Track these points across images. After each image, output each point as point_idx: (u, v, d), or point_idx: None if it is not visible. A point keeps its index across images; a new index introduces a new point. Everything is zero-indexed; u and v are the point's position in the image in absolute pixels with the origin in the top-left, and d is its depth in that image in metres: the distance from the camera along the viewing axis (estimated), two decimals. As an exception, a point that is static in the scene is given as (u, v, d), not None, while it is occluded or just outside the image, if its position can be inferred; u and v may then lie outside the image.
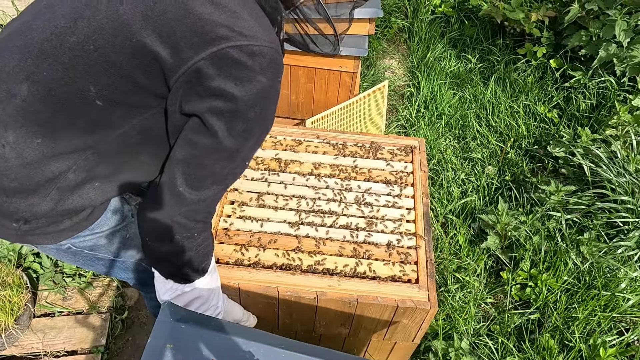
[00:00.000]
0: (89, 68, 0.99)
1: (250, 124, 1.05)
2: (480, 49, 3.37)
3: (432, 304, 1.34)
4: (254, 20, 1.02)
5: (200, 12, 0.98)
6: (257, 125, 1.07)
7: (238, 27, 0.99)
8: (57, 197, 1.10)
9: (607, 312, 1.98)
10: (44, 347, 1.89)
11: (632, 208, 2.22)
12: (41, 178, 1.07)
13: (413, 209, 1.55)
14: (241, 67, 0.99)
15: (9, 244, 2.03)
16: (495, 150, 2.79)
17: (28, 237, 1.16)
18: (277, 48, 1.04)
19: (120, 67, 0.99)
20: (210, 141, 1.05)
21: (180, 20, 0.97)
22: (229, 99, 1.00)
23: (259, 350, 1.07)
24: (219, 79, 0.99)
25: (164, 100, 1.05)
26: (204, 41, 0.97)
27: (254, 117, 1.04)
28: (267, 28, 1.05)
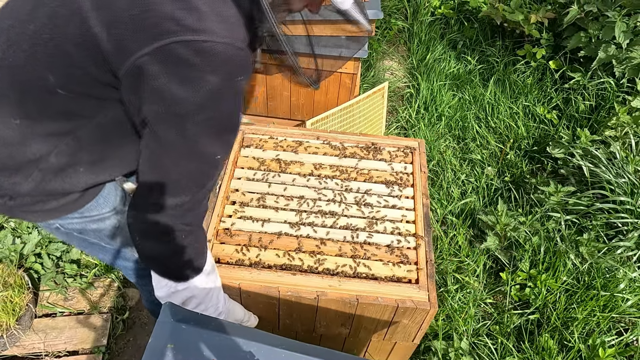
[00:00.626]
0: (46, 57, 0.97)
1: (203, 126, 0.97)
2: (480, 50, 3.38)
3: (432, 304, 1.34)
4: (212, 12, 0.94)
5: (149, 1, 0.91)
6: (213, 127, 0.99)
7: (188, 20, 0.91)
8: (40, 178, 1.11)
9: (606, 313, 1.99)
10: (45, 348, 1.90)
11: (631, 209, 2.23)
12: (23, 158, 1.09)
13: (413, 209, 1.56)
14: (187, 65, 0.91)
15: (10, 244, 2.04)
16: (495, 151, 2.79)
17: (16, 212, 1.19)
18: (237, 44, 0.95)
19: (73, 57, 0.96)
20: (160, 145, 0.99)
21: (127, 10, 0.91)
22: (174, 100, 0.93)
23: (259, 351, 1.07)
24: (162, 78, 0.92)
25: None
26: (148, 35, 0.90)
27: (206, 119, 0.97)
28: (229, 22, 0.96)
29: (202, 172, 1.04)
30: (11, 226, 2.11)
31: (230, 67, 0.95)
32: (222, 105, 0.98)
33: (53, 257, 2.09)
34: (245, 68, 0.99)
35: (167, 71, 0.91)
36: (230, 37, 0.94)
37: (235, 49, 0.94)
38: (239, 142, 1.70)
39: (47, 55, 0.97)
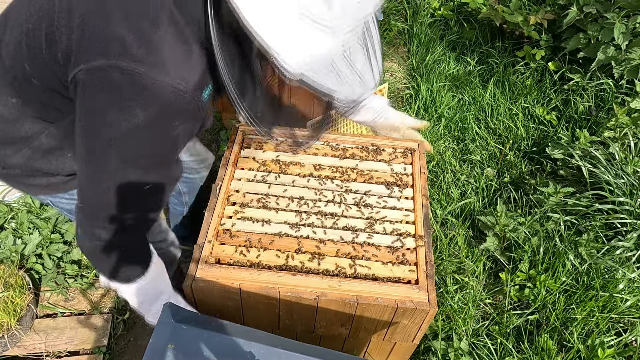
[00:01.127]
0: (26, 47, 0.99)
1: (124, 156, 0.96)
2: (479, 51, 3.39)
3: (431, 305, 1.35)
4: (166, 50, 0.89)
5: (109, 18, 0.89)
6: (134, 160, 0.98)
7: (135, 48, 0.87)
8: (29, 155, 1.18)
9: (606, 313, 2.00)
10: (46, 348, 1.90)
11: (630, 209, 2.23)
12: (16, 134, 1.14)
13: (413, 210, 1.57)
14: (119, 93, 0.89)
15: (11, 244, 2.05)
16: (494, 152, 2.80)
17: (9, 181, 1.27)
18: (181, 87, 0.91)
19: (42, 51, 0.97)
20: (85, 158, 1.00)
21: (87, 19, 0.90)
22: (102, 123, 0.92)
23: (259, 351, 1.09)
24: (94, 98, 0.91)
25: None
26: (93, 51, 0.88)
27: (129, 151, 0.96)
28: (183, 63, 0.91)
29: (118, 196, 1.03)
30: (12, 227, 2.12)
31: (164, 110, 0.92)
32: (147, 143, 0.96)
33: (54, 257, 2.10)
34: (186, 114, 0.95)
35: (100, 93, 0.90)
36: (177, 79, 0.90)
37: (178, 92, 0.90)
38: (239, 143, 1.71)
39: (26, 45, 1.00)
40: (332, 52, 0.85)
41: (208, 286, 1.35)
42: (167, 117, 0.93)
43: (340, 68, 0.89)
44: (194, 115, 0.97)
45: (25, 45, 1.00)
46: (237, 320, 1.49)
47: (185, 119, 0.96)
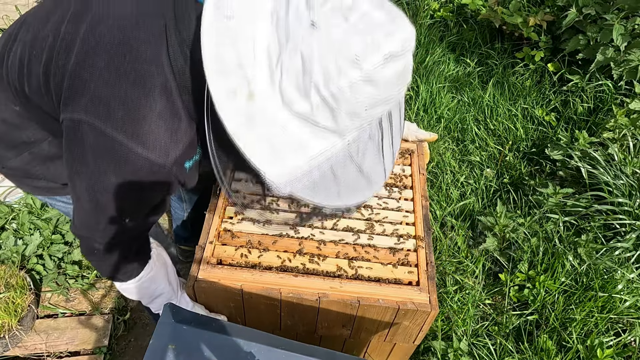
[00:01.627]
0: (27, 71, 1.01)
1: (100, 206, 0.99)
2: (479, 53, 3.40)
3: (432, 306, 1.35)
4: (151, 123, 0.87)
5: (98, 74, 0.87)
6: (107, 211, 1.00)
7: (119, 115, 0.86)
8: (28, 160, 1.19)
9: (605, 313, 2.00)
10: (47, 348, 1.91)
11: (629, 210, 2.24)
12: (17, 138, 1.16)
13: (413, 211, 1.58)
14: (96, 154, 0.90)
15: (12, 245, 2.05)
16: (494, 153, 2.81)
17: (10, 178, 1.30)
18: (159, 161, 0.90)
19: (39, 82, 0.99)
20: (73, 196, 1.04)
21: (79, 70, 0.90)
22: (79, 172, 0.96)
23: (259, 351, 1.09)
24: (70, 149, 0.94)
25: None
26: (78, 103, 0.89)
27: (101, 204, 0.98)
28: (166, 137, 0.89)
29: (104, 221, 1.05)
30: (13, 227, 2.13)
31: (139, 180, 0.92)
32: (117, 203, 0.97)
33: (55, 258, 2.10)
34: (162, 183, 0.95)
35: (79, 147, 0.91)
36: (157, 153, 0.89)
37: (155, 165, 0.90)
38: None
39: (27, 69, 1.01)
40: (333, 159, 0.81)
41: (210, 287, 1.35)
42: (140, 185, 0.94)
43: (341, 176, 0.84)
44: (169, 186, 0.98)
45: (26, 68, 1.01)
46: (238, 320, 1.49)
47: (161, 187, 0.97)
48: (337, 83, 0.72)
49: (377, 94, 0.76)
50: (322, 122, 0.76)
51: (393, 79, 0.76)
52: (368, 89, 0.74)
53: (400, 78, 0.78)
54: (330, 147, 0.80)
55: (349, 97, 0.74)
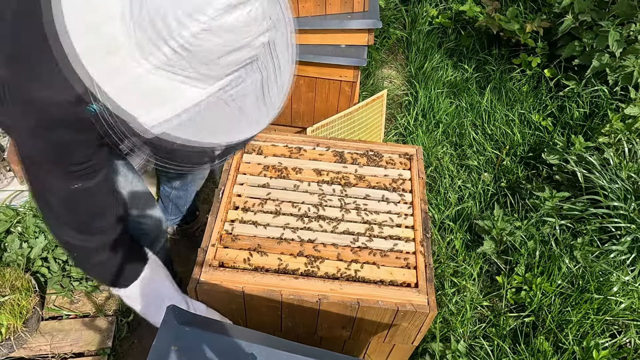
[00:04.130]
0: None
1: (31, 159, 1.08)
2: (477, 59, 3.44)
3: (431, 308, 1.37)
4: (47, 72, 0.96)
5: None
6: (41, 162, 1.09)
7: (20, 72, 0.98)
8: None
9: (600, 315, 2.03)
10: (51, 350, 1.93)
11: (624, 214, 2.27)
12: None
13: (412, 215, 1.60)
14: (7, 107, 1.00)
15: (17, 248, 2.08)
16: (491, 158, 2.84)
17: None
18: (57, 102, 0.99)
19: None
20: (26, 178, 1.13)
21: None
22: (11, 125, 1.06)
23: (260, 352, 1.10)
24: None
25: None
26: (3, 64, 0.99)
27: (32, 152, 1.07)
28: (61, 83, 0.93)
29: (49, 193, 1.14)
30: (18, 231, 2.15)
31: (49, 117, 1.00)
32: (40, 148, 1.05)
33: (59, 261, 2.12)
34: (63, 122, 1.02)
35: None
36: (54, 89, 0.96)
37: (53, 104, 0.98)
38: None
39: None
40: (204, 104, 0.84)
41: (212, 289, 1.38)
42: (52, 124, 1.01)
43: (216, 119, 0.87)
44: (75, 125, 1.03)
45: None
46: (240, 322, 1.52)
47: (66, 128, 1.03)
48: (180, 35, 0.75)
49: (225, 42, 0.77)
50: (180, 71, 0.79)
51: (239, 26, 0.77)
52: (213, 39, 0.76)
53: (251, 24, 0.78)
54: (199, 93, 0.82)
55: (196, 47, 0.76)
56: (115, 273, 1.28)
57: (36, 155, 1.06)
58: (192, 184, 2.09)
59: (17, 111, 1.01)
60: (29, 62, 0.97)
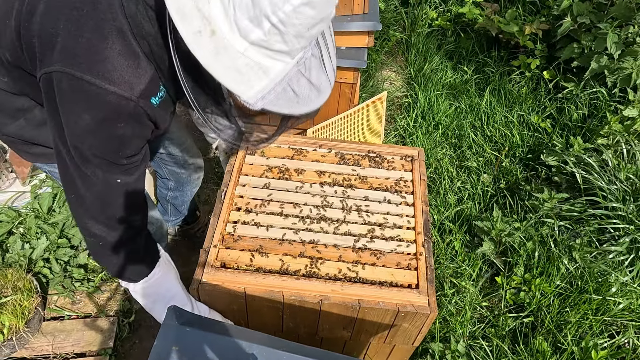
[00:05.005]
0: (5, 38, 1.09)
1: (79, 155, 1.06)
2: (476, 60, 3.46)
3: (432, 309, 1.37)
4: (112, 59, 0.98)
5: (61, 28, 0.98)
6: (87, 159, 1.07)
7: (85, 58, 0.97)
8: (23, 125, 1.30)
9: (599, 316, 2.04)
10: (53, 350, 1.94)
11: (622, 215, 2.29)
12: (11, 106, 1.27)
13: (413, 216, 1.61)
14: (68, 98, 1.00)
15: (19, 249, 2.09)
16: (490, 159, 2.86)
17: (10, 146, 1.40)
18: (125, 94, 1.00)
19: (16, 48, 1.08)
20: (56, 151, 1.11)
21: (44, 28, 1.00)
22: (59, 124, 1.04)
23: (261, 353, 1.10)
24: (53, 101, 1.02)
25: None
26: (49, 58, 0.99)
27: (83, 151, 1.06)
28: (129, 72, 1.00)
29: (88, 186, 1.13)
30: (20, 232, 2.16)
31: (109, 114, 1.01)
32: (95, 143, 1.05)
33: (61, 261, 2.13)
34: (130, 117, 1.04)
35: (54, 98, 1.01)
36: (122, 87, 0.99)
37: (122, 98, 1.00)
38: (243, 150, 1.75)
39: (4, 36, 1.10)
40: (288, 76, 0.95)
41: (214, 290, 1.38)
42: (112, 120, 1.02)
43: (297, 89, 0.98)
44: (139, 119, 1.07)
45: (2, 38, 1.10)
46: (241, 322, 1.53)
47: (131, 122, 1.05)
48: (282, 9, 0.84)
49: (315, 14, 0.88)
50: (275, 46, 0.89)
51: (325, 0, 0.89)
52: (308, 11, 0.86)
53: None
54: (285, 67, 0.93)
55: (294, 20, 0.86)
56: (130, 267, 1.30)
57: (88, 148, 1.06)
58: (187, 184, 2.10)
59: (77, 105, 1.00)
60: (94, 57, 0.97)
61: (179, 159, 1.94)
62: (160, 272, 1.37)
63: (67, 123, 1.03)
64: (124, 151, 1.10)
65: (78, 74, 0.96)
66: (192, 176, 2.07)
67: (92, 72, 0.96)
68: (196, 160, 2.03)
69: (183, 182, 2.07)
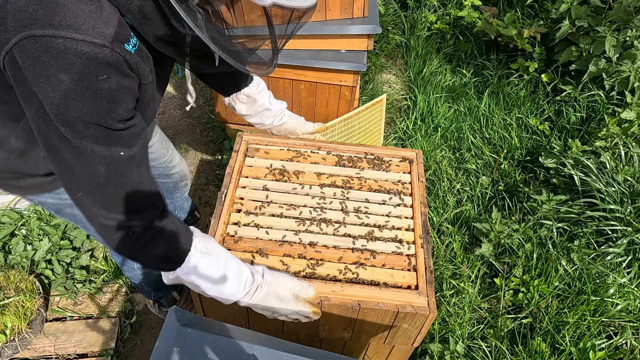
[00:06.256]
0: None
1: (71, 126, 0.94)
2: (475, 63, 3.48)
3: (431, 310, 1.38)
4: (70, 6, 0.88)
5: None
6: (79, 127, 0.95)
7: (39, 13, 0.86)
8: (4, 157, 1.20)
9: (597, 317, 2.05)
10: (55, 350, 1.95)
11: (620, 217, 2.30)
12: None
13: (412, 217, 1.62)
14: (38, 63, 0.88)
15: (21, 251, 2.10)
16: (489, 161, 2.87)
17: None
18: (97, 41, 0.89)
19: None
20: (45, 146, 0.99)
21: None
22: (38, 99, 0.92)
23: (262, 354, 1.10)
24: (23, 77, 0.90)
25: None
26: (7, 30, 0.88)
27: (71, 119, 0.93)
28: (93, 17, 0.90)
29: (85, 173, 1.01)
30: (23, 233, 2.18)
31: (84, 66, 0.89)
32: (82, 105, 0.93)
33: (63, 263, 2.15)
34: (110, 66, 0.93)
35: (22, 70, 0.90)
36: (91, 33, 0.89)
37: (95, 45, 0.89)
38: (243, 152, 1.77)
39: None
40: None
41: (215, 290, 1.40)
42: (91, 73, 0.91)
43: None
44: (120, 68, 0.95)
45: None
46: (242, 323, 1.54)
47: (112, 73, 0.94)
48: None
49: None
50: None
51: None
52: None
53: None
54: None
55: None
56: (171, 247, 1.17)
57: (77, 114, 0.93)
58: (175, 191, 2.09)
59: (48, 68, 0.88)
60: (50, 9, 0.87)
61: (162, 170, 1.92)
62: (201, 240, 1.25)
63: (45, 95, 0.90)
64: (115, 111, 0.97)
65: (39, 32, 0.86)
66: (179, 184, 2.07)
67: (53, 24, 0.86)
68: (180, 169, 2.01)
69: (170, 190, 2.07)
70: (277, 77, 2.44)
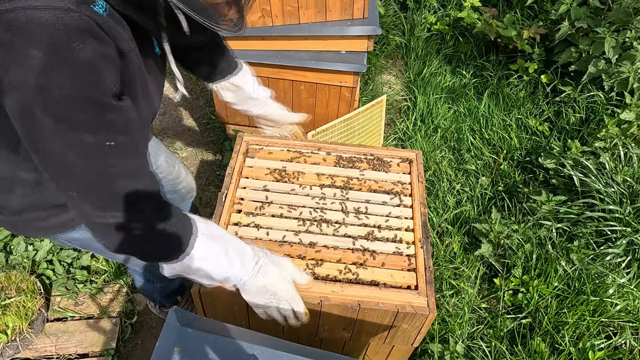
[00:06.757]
0: None
1: (55, 110, 0.83)
2: (474, 64, 3.48)
3: (431, 310, 1.38)
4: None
5: None
6: (65, 109, 0.84)
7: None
8: (21, 194, 1.12)
9: (596, 317, 2.06)
10: (56, 350, 1.96)
11: (619, 217, 2.31)
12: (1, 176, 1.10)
13: (411, 218, 1.62)
14: (3, 45, 0.78)
15: (23, 251, 2.11)
16: (489, 162, 2.88)
17: (19, 229, 1.21)
18: (58, 4, 0.79)
19: None
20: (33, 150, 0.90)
21: None
22: (12, 90, 0.81)
23: (262, 354, 1.11)
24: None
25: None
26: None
27: (53, 101, 0.82)
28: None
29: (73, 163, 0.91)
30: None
31: (53, 36, 0.79)
32: (63, 81, 0.82)
33: (64, 263, 2.16)
34: (82, 32, 0.82)
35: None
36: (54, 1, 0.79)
37: (57, 11, 0.79)
38: (243, 152, 1.77)
39: None
40: None
41: (215, 291, 1.39)
42: (62, 42, 0.80)
43: None
44: (93, 32, 0.84)
45: None
46: (242, 323, 1.54)
47: (86, 39, 0.83)
48: None
49: None
50: None
51: None
52: None
53: None
54: None
55: None
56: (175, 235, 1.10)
57: (59, 92, 0.82)
58: (181, 203, 2.04)
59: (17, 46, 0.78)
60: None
61: (170, 187, 1.89)
62: (204, 225, 1.20)
63: (20, 82, 0.80)
64: (100, 82, 0.87)
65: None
66: (185, 196, 2.04)
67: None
68: (187, 183, 1.99)
69: (177, 201, 2.04)
70: (277, 78, 2.45)
